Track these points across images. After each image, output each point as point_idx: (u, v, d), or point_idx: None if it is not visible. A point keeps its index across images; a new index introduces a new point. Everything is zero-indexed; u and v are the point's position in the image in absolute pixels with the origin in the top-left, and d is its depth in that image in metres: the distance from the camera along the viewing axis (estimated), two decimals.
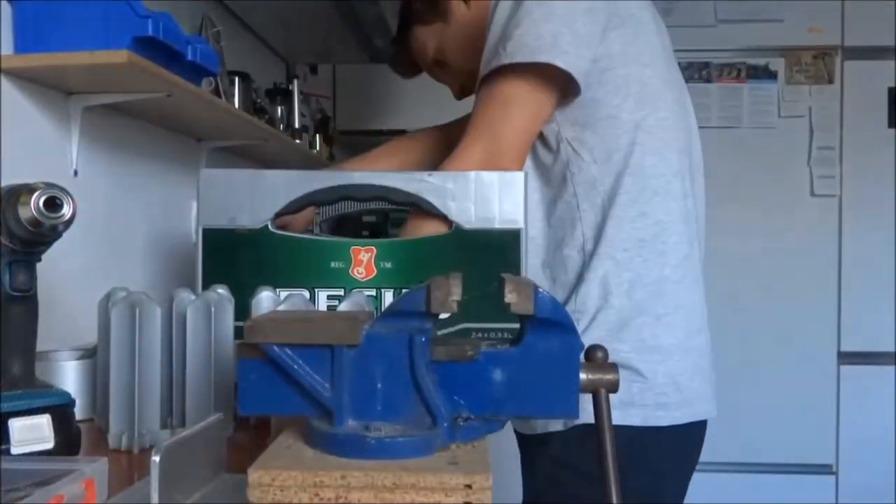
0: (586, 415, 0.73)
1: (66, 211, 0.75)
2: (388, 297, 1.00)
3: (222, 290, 0.93)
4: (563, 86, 1.06)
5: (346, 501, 0.50)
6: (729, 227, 2.78)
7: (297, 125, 2.24)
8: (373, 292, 0.99)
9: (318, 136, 2.54)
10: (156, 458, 0.53)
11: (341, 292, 0.99)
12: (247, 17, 2.16)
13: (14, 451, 0.74)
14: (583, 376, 0.60)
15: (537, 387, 0.59)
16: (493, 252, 0.98)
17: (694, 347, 1.10)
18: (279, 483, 0.50)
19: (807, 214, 2.88)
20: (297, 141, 2.20)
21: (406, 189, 0.99)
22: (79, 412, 0.86)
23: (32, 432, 0.75)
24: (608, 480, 0.58)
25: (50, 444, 0.76)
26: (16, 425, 0.74)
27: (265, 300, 0.94)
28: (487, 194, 0.99)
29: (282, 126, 2.16)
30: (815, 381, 2.87)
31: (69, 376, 0.98)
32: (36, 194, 0.74)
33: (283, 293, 0.97)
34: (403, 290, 0.98)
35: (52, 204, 0.75)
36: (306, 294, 0.99)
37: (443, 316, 0.86)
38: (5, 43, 1.15)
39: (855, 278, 2.87)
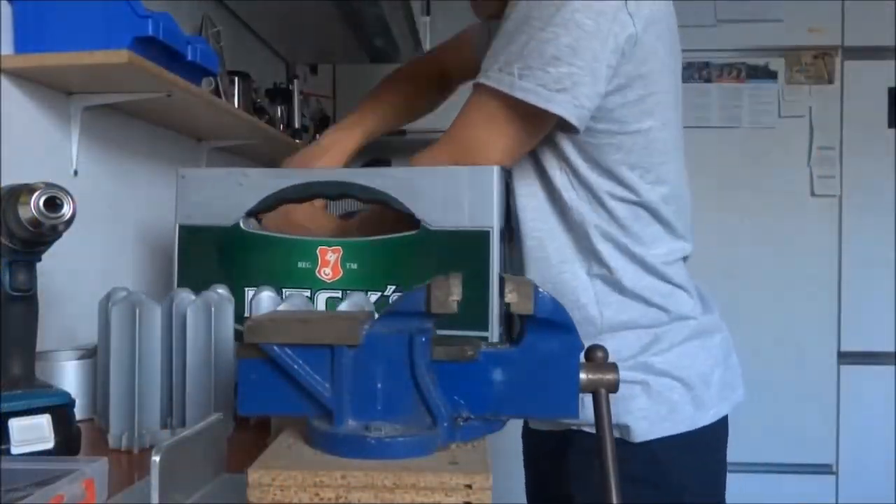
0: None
1: (66, 211, 0.76)
2: None
3: (222, 290, 0.93)
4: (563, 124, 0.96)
5: (346, 501, 0.50)
6: (729, 226, 2.79)
7: (297, 125, 2.24)
8: (338, 294, 0.96)
9: (317, 136, 2.54)
10: (156, 458, 0.53)
11: (308, 293, 0.98)
12: (247, 17, 2.16)
13: (14, 451, 0.74)
14: (583, 376, 0.60)
15: (537, 387, 0.59)
16: (461, 254, 0.92)
17: None
18: (279, 483, 0.50)
19: (807, 214, 2.87)
20: (297, 141, 2.20)
21: (374, 186, 0.95)
22: (79, 412, 0.86)
23: (32, 432, 0.75)
24: (608, 481, 0.58)
25: (50, 444, 0.76)
26: (16, 425, 0.74)
27: (265, 300, 0.94)
28: (457, 192, 0.93)
29: (282, 126, 2.16)
30: (815, 381, 2.86)
31: (69, 376, 0.98)
32: (36, 194, 0.74)
33: (251, 292, 0.97)
34: (368, 293, 0.96)
35: (52, 204, 0.75)
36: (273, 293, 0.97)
37: None
38: (5, 43, 1.15)
39: (855, 278, 2.87)
